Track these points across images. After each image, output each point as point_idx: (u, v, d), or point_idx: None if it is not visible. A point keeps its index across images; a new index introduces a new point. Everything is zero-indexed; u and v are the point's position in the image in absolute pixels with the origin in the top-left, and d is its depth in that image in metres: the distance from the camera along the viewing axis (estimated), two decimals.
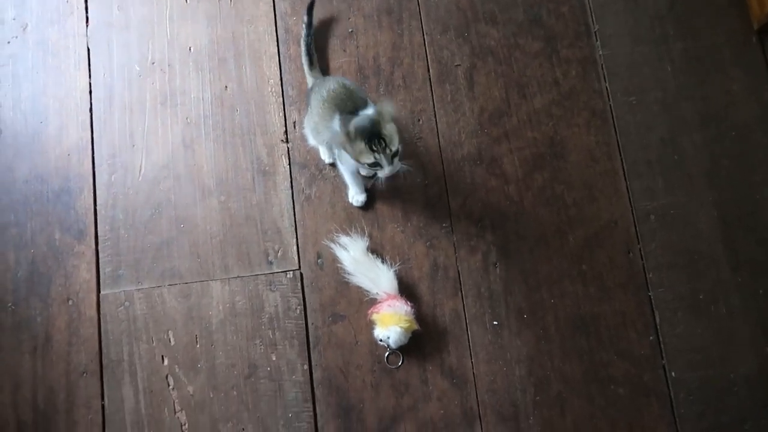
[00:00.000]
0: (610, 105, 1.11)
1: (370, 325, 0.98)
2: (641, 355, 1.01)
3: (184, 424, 0.96)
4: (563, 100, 1.10)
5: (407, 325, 0.95)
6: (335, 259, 1.02)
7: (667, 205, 1.07)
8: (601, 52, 1.13)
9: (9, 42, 1.06)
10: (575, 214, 1.06)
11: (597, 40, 1.13)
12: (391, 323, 0.94)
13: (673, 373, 1.00)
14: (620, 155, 1.09)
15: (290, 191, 1.04)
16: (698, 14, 1.16)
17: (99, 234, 1.01)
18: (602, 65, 1.12)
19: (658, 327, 1.02)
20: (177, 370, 0.97)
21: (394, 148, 0.85)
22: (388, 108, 0.85)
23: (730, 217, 1.07)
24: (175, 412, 0.96)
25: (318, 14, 1.09)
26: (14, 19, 1.07)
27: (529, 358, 1.00)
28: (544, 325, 1.01)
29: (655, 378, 1.00)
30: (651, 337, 1.01)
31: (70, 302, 0.98)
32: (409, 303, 0.97)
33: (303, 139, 1.05)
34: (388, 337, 0.94)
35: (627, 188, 1.07)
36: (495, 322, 1.01)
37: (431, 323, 1.01)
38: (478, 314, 1.01)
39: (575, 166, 1.08)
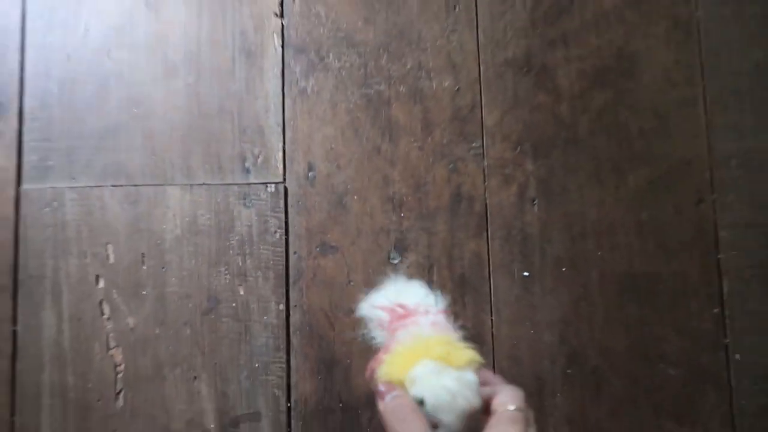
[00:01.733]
0: (698, 15, 0.86)
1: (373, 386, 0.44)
2: (701, 330, 0.80)
3: (119, 365, 0.74)
4: (640, 1, 0.85)
5: (465, 360, 0.43)
6: (331, 174, 0.79)
7: (755, 149, 0.84)
8: None
9: None
10: (640, 148, 0.83)
11: None
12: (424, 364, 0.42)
13: (737, 356, 0.80)
14: (703, 80, 0.85)
15: (280, 80, 0.79)
16: None
17: (25, 111, 0.76)
18: None
19: (725, 299, 0.81)
20: (115, 295, 0.75)
21: None
22: None
23: None
24: (108, 349, 0.74)
25: None
26: None
27: (563, 322, 0.79)
28: (586, 282, 0.80)
29: (715, 360, 0.80)
30: (715, 310, 0.80)
31: None
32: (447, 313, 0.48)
33: (303, 15, 0.80)
34: (422, 401, 0.40)
35: (706, 123, 0.84)
36: (525, 273, 0.80)
37: (445, 266, 0.79)
38: (506, 261, 0.80)
39: (646, 88, 0.84)
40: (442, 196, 0.80)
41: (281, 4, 0.81)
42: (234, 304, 0.76)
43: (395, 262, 0.79)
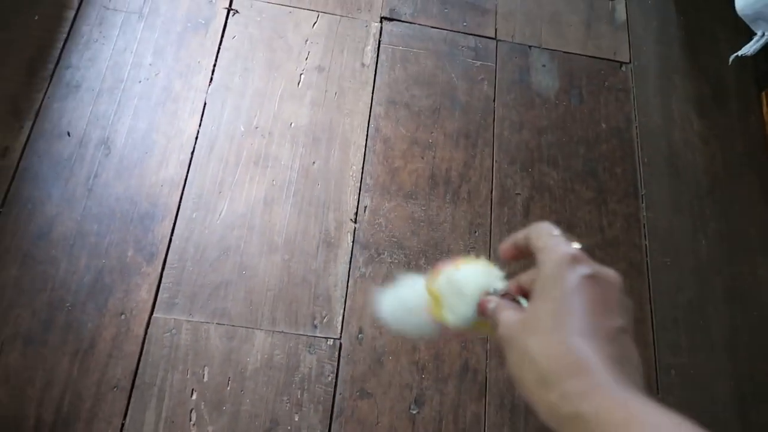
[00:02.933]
0: (648, 261, 1.21)
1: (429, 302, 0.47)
2: None
3: None
4: (606, 246, 1.21)
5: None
6: (375, 338, 1.07)
7: (688, 365, 1.13)
8: (645, 213, 1.25)
9: (140, 81, 1.20)
10: None
11: (642, 202, 1.26)
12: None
13: None
14: (651, 306, 1.17)
15: (348, 266, 1.12)
16: (733, 202, 1.29)
17: (168, 261, 1.07)
18: (644, 225, 1.24)
19: None
20: (202, 406, 0.99)
21: None
22: None
23: (746, 391, 1.12)
24: None
25: (407, 126, 1.24)
26: (150, 65, 1.22)
27: None
28: None
29: None
30: None
31: (123, 317, 1.02)
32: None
33: (369, 223, 1.15)
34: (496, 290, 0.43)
35: (653, 339, 1.14)
36: None
37: (453, 420, 1.03)
38: (498, 424, 1.03)
39: None
40: (454, 366, 1.07)
41: (356, 214, 1.16)
42: (289, 428, 0.99)
43: (414, 412, 1.03)
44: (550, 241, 0.38)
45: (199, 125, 1.18)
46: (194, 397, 0.99)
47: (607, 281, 0.35)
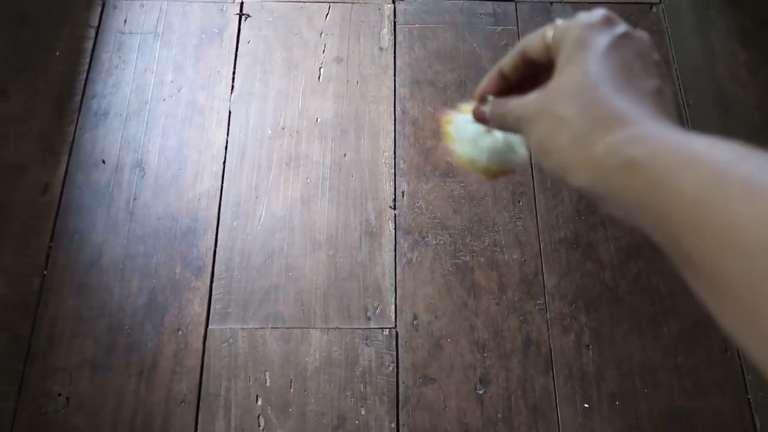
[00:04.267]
0: None
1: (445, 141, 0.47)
2: None
3: None
4: None
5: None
6: (430, 322, 1.05)
7: None
8: None
9: (164, 100, 1.21)
10: (670, 306, 1.06)
11: None
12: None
13: None
14: None
15: (393, 254, 1.10)
16: None
17: (215, 273, 1.08)
18: None
19: None
20: (269, 411, 0.99)
21: None
22: None
23: None
24: None
25: (434, 104, 1.21)
26: (172, 82, 1.22)
27: None
28: (636, 414, 0.99)
29: None
30: None
31: (180, 332, 1.04)
32: None
33: (409, 207, 1.13)
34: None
35: None
36: (586, 405, 1.00)
37: (522, 396, 1.00)
38: (569, 394, 1.00)
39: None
40: (516, 341, 1.04)
41: (394, 200, 1.14)
42: (357, 422, 0.98)
43: (480, 392, 1.01)
44: (570, 21, 0.33)
45: (227, 134, 1.18)
46: (260, 402, 0.99)
47: (640, 41, 0.32)
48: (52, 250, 1.08)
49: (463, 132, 0.44)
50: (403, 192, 1.14)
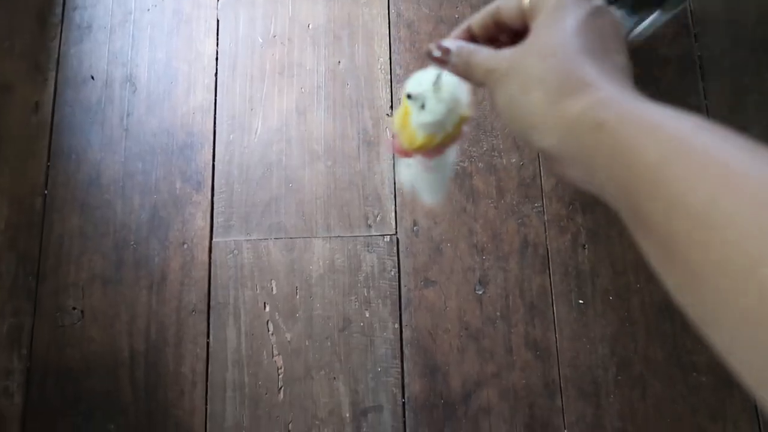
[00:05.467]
0: (706, 104, 1.13)
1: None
2: None
3: (281, 368, 1.01)
4: (660, 96, 1.13)
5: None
6: (430, 228, 1.06)
7: None
8: (698, 53, 1.15)
9: (149, 10, 1.16)
10: None
11: (696, 41, 1.16)
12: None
13: None
14: None
15: (392, 162, 1.10)
16: None
17: (215, 187, 1.08)
18: (700, 66, 1.15)
19: None
20: (277, 317, 1.03)
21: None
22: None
23: None
24: (272, 356, 1.01)
25: (430, 5, 1.16)
26: None
27: (612, 338, 1.01)
28: (629, 307, 1.03)
29: None
30: None
31: (185, 246, 1.05)
32: None
33: None
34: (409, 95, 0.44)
35: None
36: (581, 301, 1.03)
37: (518, 296, 1.04)
38: (565, 291, 1.04)
39: None
40: (514, 243, 1.06)
41: (391, 108, 1.12)
42: (362, 324, 1.02)
43: (479, 292, 1.04)
44: None
45: (217, 45, 1.14)
46: (267, 309, 1.03)
47: (614, 17, 0.34)
48: (50, 169, 1.08)
49: (420, 94, 0.44)
50: (400, 99, 1.12)
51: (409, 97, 0.44)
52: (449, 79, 0.42)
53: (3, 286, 1.03)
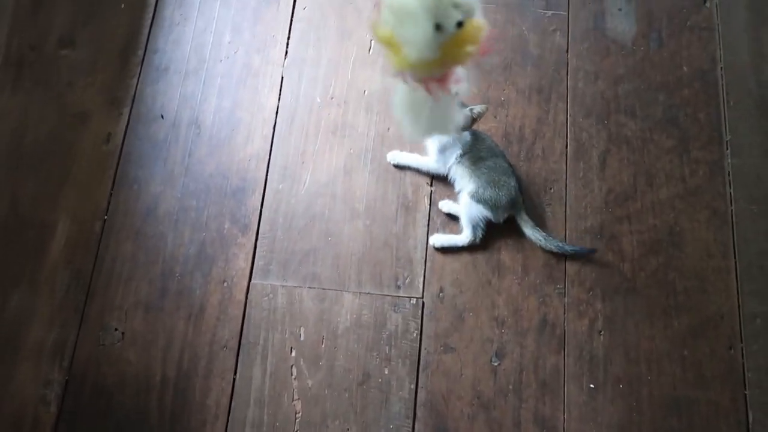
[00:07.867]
0: (732, 209, 1.16)
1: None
2: None
3: (298, 413, 1.05)
4: (688, 195, 1.16)
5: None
6: (455, 296, 1.11)
7: None
8: (730, 160, 1.18)
9: (221, 60, 1.24)
10: (683, 301, 1.10)
11: (727, 149, 1.19)
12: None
13: None
14: (735, 256, 1.13)
15: (426, 228, 1.15)
16: None
17: (260, 231, 1.14)
18: (729, 172, 1.18)
19: (750, 427, 1.03)
20: (301, 363, 1.07)
21: None
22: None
23: None
24: (293, 400, 1.06)
25: (478, 86, 1.22)
26: (229, 43, 1.25)
27: (619, 427, 1.03)
28: (638, 398, 1.05)
29: None
30: None
31: (225, 284, 1.11)
32: None
33: (446, 184, 1.16)
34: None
35: (737, 288, 1.11)
36: (591, 385, 1.06)
37: (533, 371, 1.07)
38: (577, 374, 1.06)
39: (690, 256, 1.13)
40: (533, 320, 1.10)
41: (432, 177, 1.18)
42: (380, 380, 1.06)
43: (495, 364, 1.07)
44: None
45: (279, 99, 1.22)
46: (293, 354, 1.08)
47: None
48: (113, 197, 1.15)
49: (400, 9, 0.41)
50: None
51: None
52: None
53: (55, 297, 1.10)
